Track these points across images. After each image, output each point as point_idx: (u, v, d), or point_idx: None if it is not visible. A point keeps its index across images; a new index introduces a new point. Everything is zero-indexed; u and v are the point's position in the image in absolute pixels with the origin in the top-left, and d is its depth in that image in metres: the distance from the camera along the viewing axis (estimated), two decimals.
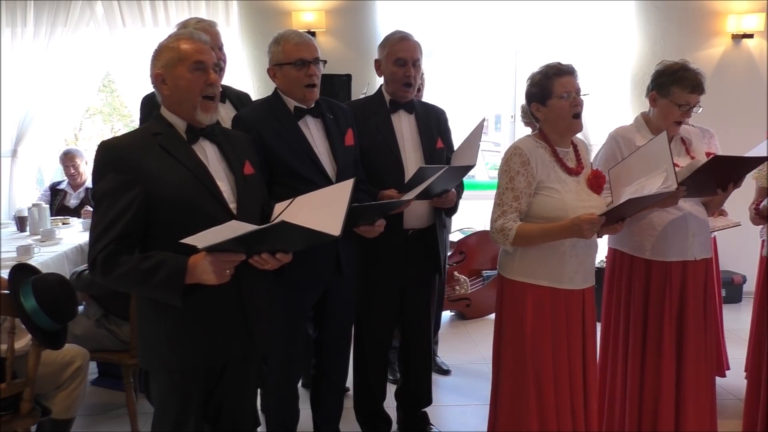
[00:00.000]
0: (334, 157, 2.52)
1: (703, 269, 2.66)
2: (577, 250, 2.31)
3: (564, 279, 2.31)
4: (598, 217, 2.12)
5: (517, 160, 2.27)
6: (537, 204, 2.28)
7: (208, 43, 1.95)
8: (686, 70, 2.53)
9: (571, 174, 2.33)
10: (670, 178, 2.15)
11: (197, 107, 1.90)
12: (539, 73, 2.32)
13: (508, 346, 2.37)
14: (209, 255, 1.72)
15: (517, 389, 2.34)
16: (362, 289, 2.82)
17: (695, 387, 2.63)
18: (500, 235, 2.27)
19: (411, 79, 2.76)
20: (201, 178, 1.88)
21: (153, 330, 1.93)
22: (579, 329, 2.37)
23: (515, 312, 2.35)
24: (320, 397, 2.81)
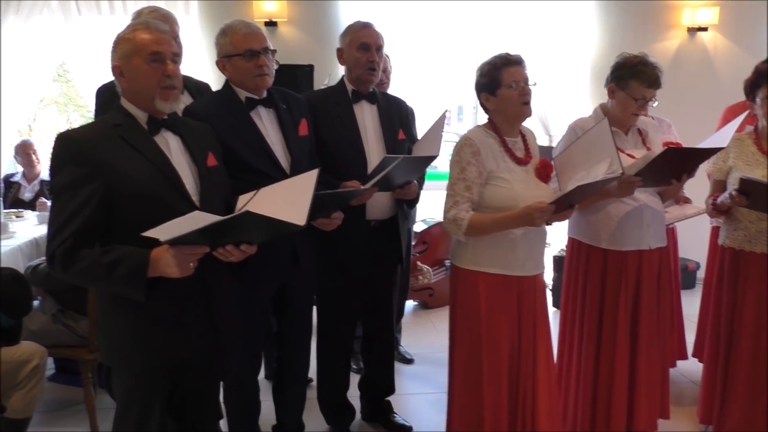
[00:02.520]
0: (288, 148, 2.49)
1: (657, 258, 2.74)
2: (527, 237, 2.34)
3: (515, 266, 2.35)
4: (548, 206, 2.16)
5: (468, 151, 2.30)
6: (488, 194, 2.31)
7: (167, 32, 1.91)
8: (645, 65, 2.58)
9: (519, 164, 2.37)
10: (615, 163, 2.20)
11: (156, 97, 1.87)
12: (488, 63, 2.34)
13: (462, 334, 2.41)
14: (172, 248, 1.70)
15: (472, 376, 2.37)
16: (325, 279, 2.82)
17: (648, 374, 2.71)
18: (453, 225, 2.30)
19: (375, 63, 2.76)
20: (163, 170, 1.86)
21: (115, 326, 1.90)
22: (531, 315, 2.41)
23: (468, 300, 2.38)
24: (283, 388, 2.81)
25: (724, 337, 2.87)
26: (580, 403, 2.75)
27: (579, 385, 2.76)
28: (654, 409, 2.76)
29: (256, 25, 2.49)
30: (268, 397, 2.85)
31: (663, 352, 2.80)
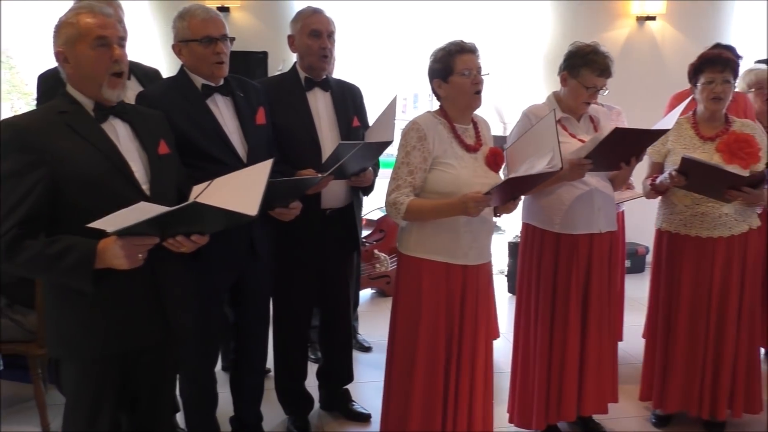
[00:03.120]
0: (245, 137, 2.46)
1: (608, 242, 2.80)
2: (471, 226, 2.35)
3: (458, 254, 2.37)
4: (483, 196, 2.16)
5: (413, 135, 2.30)
6: (432, 179, 2.32)
7: (111, 16, 1.85)
8: (596, 54, 2.62)
9: (469, 151, 2.37)
10: (555, 158, 2.22)
11: (103, 85, 1.82)
12: (441, 50, 2.35)
13: (401, 320, 2.42)
14: (120, 239, 1.66)
15: (406, 363, 2.39)
16: (280, 269, 2.80)
17: (597, 354, 2.78)
18: (393, 208, 2.30)
19: (327, 50, 2.73)
20: (111, 158, 1.81)
21: (62, 317, 1.86)
22: (474, 305, 2.43)
23: (410, 287, 2.39)
24: (240, 380, 2.78)
25: (663, 319, 2.96)
26: (535, 388, 2.80)
27: (534, 371, 2.80)
28: (604, 392, 2.83)
29: (215, 10, 2.44)
30: (226, 389, 2.82)
31: (613, 335, 2.87)
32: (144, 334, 1.91)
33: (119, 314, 1.85)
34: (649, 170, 3.00)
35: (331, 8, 2.83)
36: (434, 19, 5.40)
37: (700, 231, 2.84)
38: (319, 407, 3.20)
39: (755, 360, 2.96)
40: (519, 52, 5.59)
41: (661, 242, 2.99)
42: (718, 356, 2.88)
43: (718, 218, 2.82)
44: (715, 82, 2.80)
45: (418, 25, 5.42)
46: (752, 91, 3.72)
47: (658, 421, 3.07)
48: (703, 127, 2.90)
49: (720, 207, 2.80)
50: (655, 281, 3.03)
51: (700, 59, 2.89)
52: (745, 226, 2.86)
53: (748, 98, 3.80)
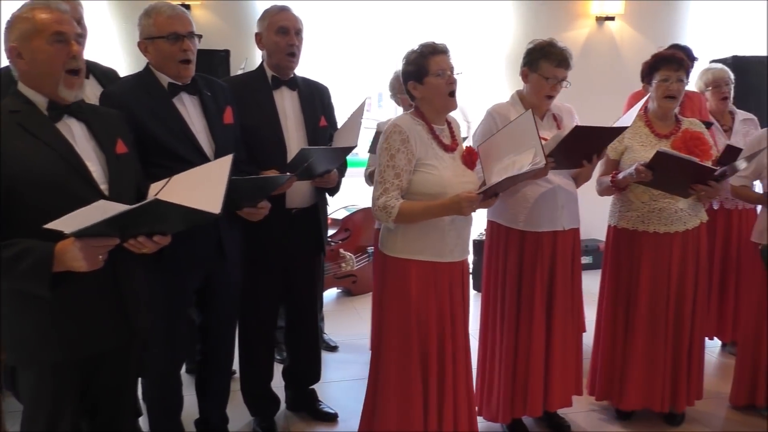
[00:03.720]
0: (212, 136, 2.43)
1: (571, 238, 2.84)
2: (455, 224, 2.39)
3: (445, 252, 2.39)
4: (477, 196, 2.22)
5: (397, 138, 2.30)
6: (416, 181, 2.33)
7: (67, 12, 1.81)
8: (553, 46, 2.68)
9: (447, 151, 2.40)
10: (539, 154, 2.26)
11: (60, 82, 1.77)
12: (414, 52, 2.36)
13: (392, 323, 2.41)
14: (79, 240, 1.62)
15: (403, 364, 2.38)
16: (246, 270, 2.77)
17: (562, 349, 2.82)
18: (383, 212, 2.30)
19: (294, 48, 2.71)
20: (67, 158, 1.77)
21: (20, 322, 1.81)
22: (460, 300, 2.47)
23: (399, 288, 2.38)
24: (206, 382, 2.75)
25: (621, 316, 3.00)
26: (502, 384, 2.82)
27: (501, 367, 2.83)
28: (569, 386, 2.88)
29: (182, 8, 2.40)
30: (190, 391, 2.78)
31: (577, 331, 2.91)
32: (105, 337, 1.87)
33: (79, 318, 1.81)
34: (604, 167, 3.04)
35: (297, 8, 2.81)
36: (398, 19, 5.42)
37: (658, 227, 2.90)
38: (285, 408, 3.18)
39: (702, 350, 3.05)
40: (482, 52, 5.64)
41: (618, 239, 3.02)
42: (677, 350, 2.94)
43: (674, 213, 2.88)
44: (670, 80, 2.86)
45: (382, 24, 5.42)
46: (709, 90, 3.82)
47: (620, 415, 3.12)
48: (656, 124, 2.96)
49: (676, 202, 2.87)
50: (611, 278, 3.05)
51: (655, 58, 2.95)
52: (697, 220, 2.93)
53: (703, 98, 3.90)
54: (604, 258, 3.12)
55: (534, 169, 2.25)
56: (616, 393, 3.04)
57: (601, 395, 3.11)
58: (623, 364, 3.00)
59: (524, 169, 2.23)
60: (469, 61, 5.49)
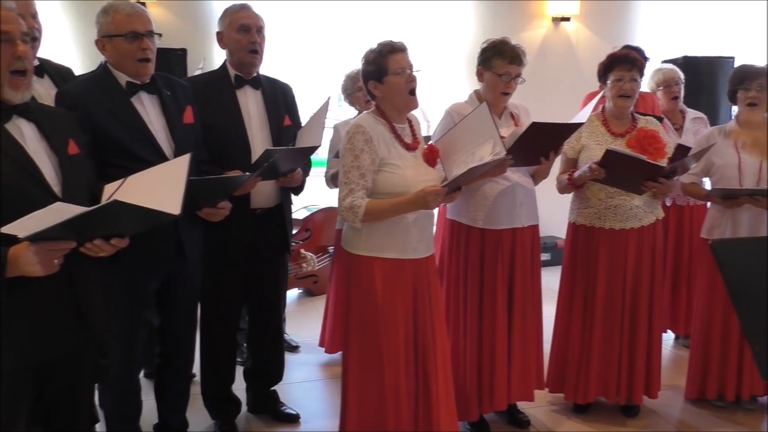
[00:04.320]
0: (172, 136, 2.39)
1: (530, 235, 2.88)
2: (418, 221, 2.40)
3: (408, 249, 2.40)
4: (442, 188, 2.24)
5: (360, 138, 2.31)
6: (380, 180, 2.34)
7: (13, 10, 1.75)
8: (505, 44, 2.73)
9: (409, 149, 2.41)
10: (498, 145, 2.30)
11: (4, 84, 1.72)
12: (373, 51, 2.36)
13: (358, 321, 2.41)
14: (33, 244, 1.58)
15: (371, 362, 2.38)
16: (209, 271, 2.74)
17: (523, 344, 2.86)
18: (350, 212, 2.30)
19: (257, 45, 2.69)
20: (17, 160, 1.72)
21: None
22: (426, 296, 2.47)
23: (364, 287, 2.39)
24: (165, 386, 2.71)
25: (579, 311, 3.05)
26: (467, 381, 2.85)
27: (466, 364, 2.86)
28: (530, 380, 2.92)
29: (141, 6, 2.36)
30: (149, 395, 2.74)
31: (537, 326, 2.96)
32: (60, 342, 1.82)
33: (33, 324, 1.76)
34: (563, 166, 3.11)
35: (258, 6, 2.79)
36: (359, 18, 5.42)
37: (614, 223, 2.97)
38: (247, 410, 3.15)
39: (659, 344, 3.13)
40: (442, 52, 5.69)
41: (576, 236, 3.09)
42: (633, 343, 3.01)
43: (629, 210, 2.95)
44: (624, 80, 2.93)
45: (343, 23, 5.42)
46: (661, 89, 3.92)
47: (577, 407, 3.19)
48: (613, 123, 3.03)
49: (631, 200, 2.94)
50: (568, 273, 3.11)
51: (609, 58, 3.02)
52: (653, 217, 3.01)
53: (656, 98, 4.00)
54: (564, 254, 3.17)
55: (496, 159, 2.28)
56: (572, 386, 3.10)
57: (555, 387, 3.17)
58: (580, 357, 3.07)
59: (486, 159, 2.27)
60: (429, 60, 5.52)
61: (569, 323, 3.10)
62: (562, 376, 3.14)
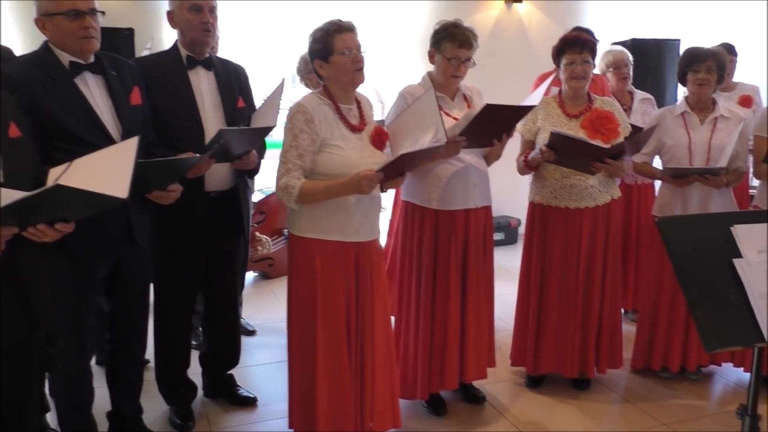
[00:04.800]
0: (118, 118, 2.33)
1: (483, 216, 2.92)
2: (361, 203, 2.39)
3: (350, 232, 2.39)
4: (376, 173, 2.21)
5: (300, 118, 2.29)
6: (321, 161, 2.32)
7: None
8: (456, 27, 2.73)
9: (354, 131, 2.39)
10: (440, 132, 2.31)
11: None
12: (320, 30, 2.34)
13: (298, 302, 2.41)
14: None
15: (307, 343, 2.39)
16: (162, 254, 2.70)
17: (476, 323, 2.91)
18: (284, 192, 2.29)
19: (209, 25, 2.63)
20: None
21: None
22: (368, 280, 2.47)
23: (304, 268, 2.39)
24: (118, 372, 2.66)
25: (536, 286, 3.14)
26: (419, 360, 2.88)
27: (418, 344, 2.89)
28: (483, 359, 2.98)
29: None
30: (101, 383, 2.68)
31: (489, 305, 3.01)
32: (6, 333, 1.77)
33: None
34: (521, 147, 3.16)
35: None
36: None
37: (569, 202, 3.03)
38: (203, 395, 3.12)
39: (617, 320, 3.22)
40: (396, 33, 5.66)
41: (534, 214, 3.17)
42: (586, 318, 3.10)
43: (584, 190, 3.01)
44: (576, 62, 2.98)
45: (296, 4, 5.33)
46: (610, 71, 3.99)
47: (531, 382, 3.27)
48: (568, 105, 3.08)
49: (586, 179, 3.00)
50: (526, 250, 3.20)
51: (561, 42, 3.06)
52: (608, 196, 3.08)
53: (605, 79, 4.08)
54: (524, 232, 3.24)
55: (434, 146, 2.28)
56: (530, 359, 3.19)
57: (517, 361, 3.27)
58: (537, 331, 3.14)
59: (423, 145, 2.26)
60: (384, 41, 5.50)
61: (528, 299, 3.17)
62: (523, 351, 3.22)
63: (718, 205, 3.12)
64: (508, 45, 6.02)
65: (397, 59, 5.64)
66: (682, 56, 3.25)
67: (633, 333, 3.47)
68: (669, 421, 2.97)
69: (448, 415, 2.99)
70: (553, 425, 2.95)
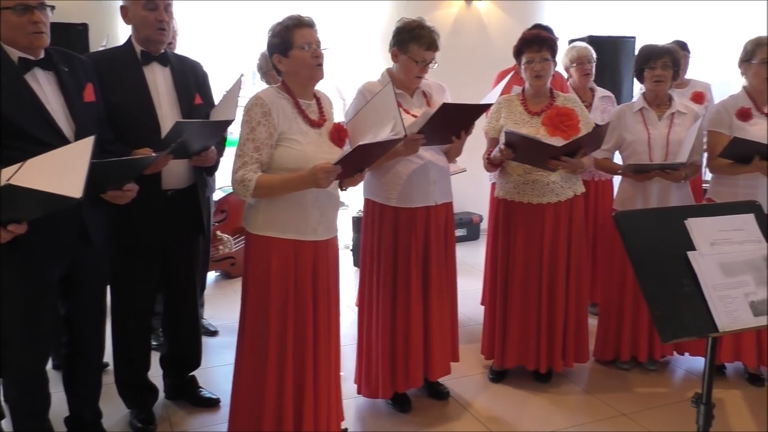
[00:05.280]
0: (71, 115, 2.27)
1: (443, 212, 2.94)
2: (319, 201, 2.37)
3: (308, 231, 2.37)
4: (333, 166, 2.17)
5: (258, 111, 2.26)
6: (279, 155, 2.30)
7: None
8: (422, 28, 2.72)
9: (313, 126, 2.37)
10: (398, 125, 2.32)
11: None
12: (280, 24, 2.32)
13: (251, 301, 2.39)
14: None
15: (259, 343, 2.37)
16: (119, 255, 2.65)
17: (439, 319, 2.93)
18: (240, 186, 2.25)
19: (164, 23, 2.59)
20: None
21: None
22: (325, 279, 2.45)
23: (259, 266, 2.36)
24: (75, 376, 2.60)
25: (501, 281, 3.19)
26: (381, 360, 2.88)
27: (379, 342, 2.89)
28: (447, 355, 3.00)
29: None
30: (59, 388, 2.62)
31: (452, 300, 3.03)
32: None
33: None
34: (487, 145, 3.20)
35: None
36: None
37: (531, 198, 3.07)
38: (165, 397, 3.08)
39: (583, 314, 3.27)
40: (357, 29, 5.65)
41: (498, 209, 3.21)
42: (551, 313, 3.14)
43: (546, 185, 3.06)
44: (535, 61, 3.02)
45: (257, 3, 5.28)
46: (574, 66, 4.04)
47: (495, 377, 3.31)
48: (530, 103, 3.12)
49: (548, 175, 3.04)
50: (491, 247, 3.25)
51: (520, 41, 3.10)
52: (570, 192, 3.13)
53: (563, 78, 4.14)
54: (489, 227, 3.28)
55: (392, 138, 2.28)
56: (498, 353, 3.23)
57: (489, 355, 3.32)
58: (503, 326, 3.19)
59: (380, 138, 2.26)
60: (345, 38, 5.48)
61: (494, 293, 3.21)
62: (491, 344, 3.25)
63: (677, 199, 3.20)
64: (468, 42, 6.07)
65: (357, 56, 5.63)
66: (639, 53, 3.32)
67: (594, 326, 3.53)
68: (629, 411, 3.03)
69: (412, 412, 2.99)
70: (517, 418, 2.98)
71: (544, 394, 3.20)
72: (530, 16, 5.81)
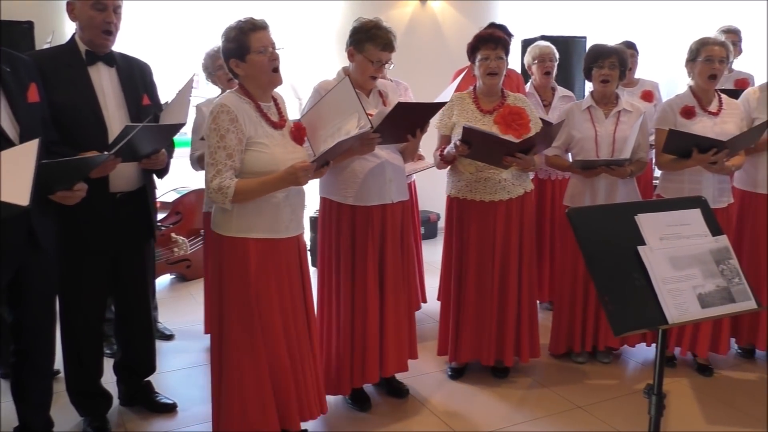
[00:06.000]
0: (15, 117, 2.20)
1: (399, 211, 2.95)
2: (290, 199, 2.40)
3: (280, 228, 2.39)
4: (311, 164, 2.25)
5: (225, 118, 2.25)
6: (248, 160, 2.30)
7: None
8: (379, 29, 2.73)
9: (276, 128, 2.38)
10: (363, 118, 2.35)
11: None
12: (234, 28, 2.30)
13: (232, 304, 2.37)
14: None
15: (246, 345, 2.36)
16: (67, 259, 2.58)
17: (395, 316, 2.94)
18: (219, 194, 2.25)
19: (111, 26, 2.53)
20: None
21: None
22: (298, 274, 2.49)
23: (236, 268, 2.35)
24: (25, 385, 2.52)
25: (455, 278, 3.22)
26: (340, 357, 2.89)
27: (339, 339, 2.89)
28: (403, 352, 3.01)
29: None
30: (7, 397, 2.54)
31: (408, 298, 3.04)
32: None
33: None
34: (438, 142, 3.22)
35: None
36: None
37: (483, 195, 3.11)
38: (119, 404, 3.01)
39: (534, 311, 3.32)
40: (312, 28, 5.62)
41: (451, 208, 3.23)
42: (503, 308, 3.18)
43: (498, 183, 3.09)
44: (490, 58, 3.05)
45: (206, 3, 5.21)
46: (536, 63, 4.08)
47: (453, 373, 3.33)
48: (482, 101, 3.15)
49: (500, 173, 3.08)
50: (446, 243, 3.27)
51: (475, 38, 3.13)
52: (521, 189, 3.17)
53: (520, 77, 4.20)
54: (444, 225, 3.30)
55: (362, 132, 2.32)
56: (452, 349, 3.26)
57: (442, 351, 3.34)
58: (457, 322, 3.22)
59: (352, 133, 2.30)
60: (299, 37, 5.45)
61: (448, 290, 3.24)
62: (446, 341, 3.28)
63: (623, 194, 3.28)
64: (423, 42, 6.10)
65: (313, 55, 5.61)
66: (587, 53, 3.39)
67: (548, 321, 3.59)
68: (584, 403, 3.09)
69: (372, 410, 3.00)
70: (474, 413, 3.01)
71: (501, 389, 3.23)
72: (484, 16, 5.87)
